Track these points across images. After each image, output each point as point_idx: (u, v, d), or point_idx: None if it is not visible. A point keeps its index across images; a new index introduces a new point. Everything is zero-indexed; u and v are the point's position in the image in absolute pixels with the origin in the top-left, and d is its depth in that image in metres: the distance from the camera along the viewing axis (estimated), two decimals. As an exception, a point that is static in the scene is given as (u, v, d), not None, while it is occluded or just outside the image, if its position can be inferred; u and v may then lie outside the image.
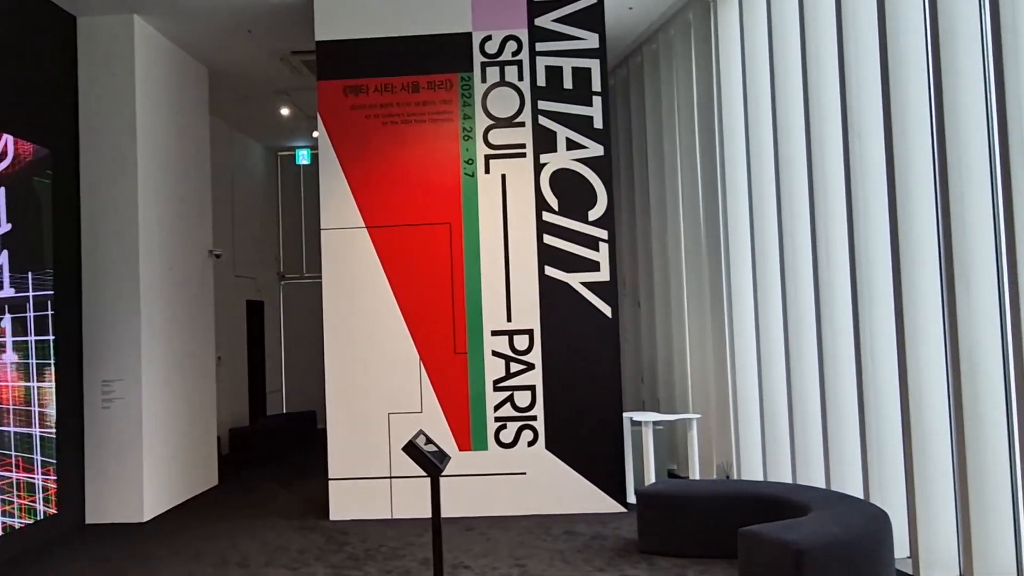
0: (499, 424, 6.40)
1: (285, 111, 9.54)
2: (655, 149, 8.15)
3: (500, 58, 6.57)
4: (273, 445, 9.66)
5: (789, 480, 5.83)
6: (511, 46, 6.56)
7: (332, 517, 6.37)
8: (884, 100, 4.66)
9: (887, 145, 4.64)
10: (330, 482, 6.42)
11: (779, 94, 5.86)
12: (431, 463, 3.68)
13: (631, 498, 6.34)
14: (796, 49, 5.59)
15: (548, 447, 6.37)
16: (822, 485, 5.37)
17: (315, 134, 8.26)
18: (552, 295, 6.45)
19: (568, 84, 6.53)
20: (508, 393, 6.42)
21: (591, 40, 6.55)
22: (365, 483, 6.40)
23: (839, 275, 5.26)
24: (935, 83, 4.30)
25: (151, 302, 6.88)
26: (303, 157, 11.73)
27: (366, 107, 6.60)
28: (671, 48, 7.63)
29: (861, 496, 4.93)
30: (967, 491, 4.12)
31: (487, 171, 6.53)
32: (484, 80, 6.57)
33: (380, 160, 6.57)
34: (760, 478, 6.26)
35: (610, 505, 6.29)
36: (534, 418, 6.40)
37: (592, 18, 6.57)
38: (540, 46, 6.56)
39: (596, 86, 6.53)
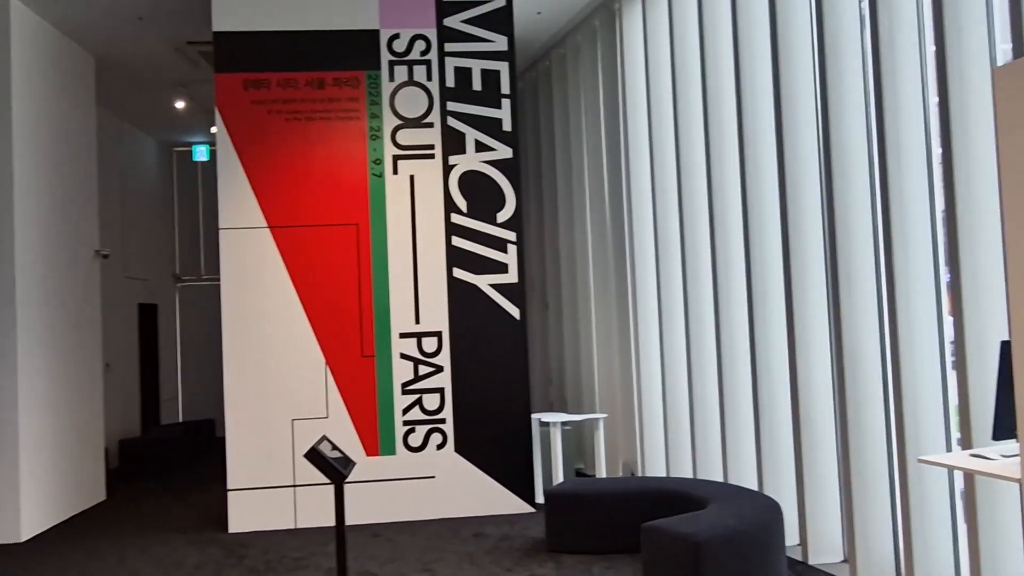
0: (407, 428, 6.32)
1: (180, 104, 9.11)
2: (563, 153, 8.27)
3: (408, 57, 6.50)
4: (167, 456, 9.18)
5: (690, 475, 6.03)
6: (419, 45, 6.51)
7: (231, 529, 6.11)
8: (776, 108, 4.89)
9: (779, 155, 4.88)
10: (229, 493, 6.16)
11: (680, 101, 6.06)
12: (335, 469, 3.59)
13: (540, 498, 6.39)
14: (696, 57, 5.79)
15: (457, 450, 6.34)
16: (721, 479, 5.58)
17: (213, 129, 7.91)
18: (461, 297, 6.43)
19: (477, 86, 6.53)
20: (417, 396, 6.35)
21: (500, 43, 6.57)
22: (267, 492, 6.18)
23: (736, 280, 5.48)
24: (822, 96, 4.54)
25: (29, 305, 6.40)
26: (200, 153, 11.23)
27: (268, 102, 6.39)
28: (578, 54, 7.76)
29: (756, 488, 5.15)
30: (850, 482, 4.38)
31: (395, 172, 6.44)
32: (392, 79, 6.48)
33: (283, 158, 6.37)
34: (663, 474, 6.44)
35: (519, 506, 6.32)
36: (443, 421, 6.36)
37: (501, 21, 6.59)
38: (449, 47, 6.53)
39: (505, 89, 6.56)
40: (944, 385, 4.06)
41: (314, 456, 3.61)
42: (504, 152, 6.52)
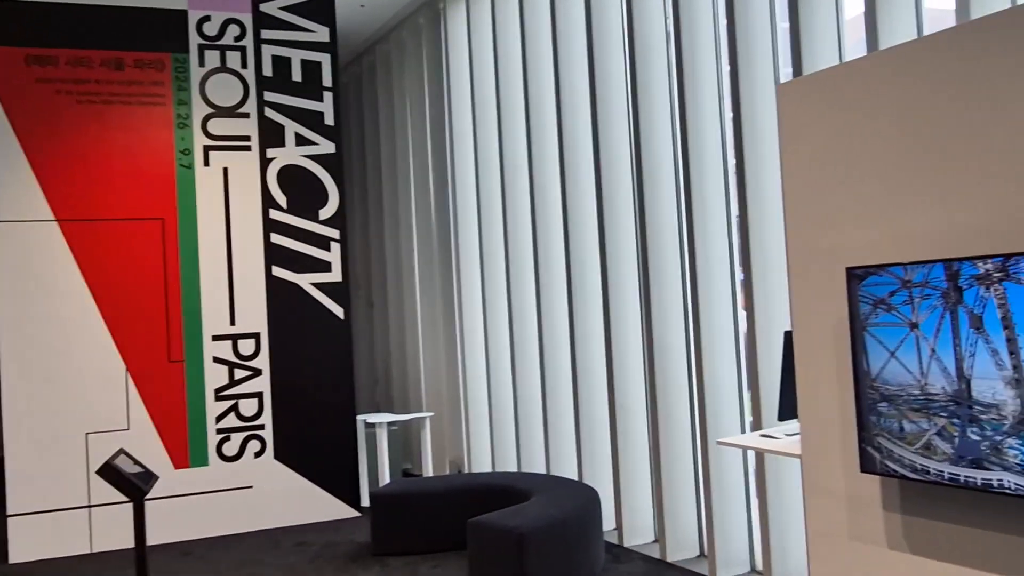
0: (222, 436, 5.94)
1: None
2: (388, 149, 8.15)
3: (220, 42, 6.10)
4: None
5: (515, 469, 6.17)
6: (233, 30, 6.12)
7: (12, 559, 5.42)
8: (592, 114, 5.13)
9: (595, 159, 5.12)
10: (9, 519, 5.46)
11: (504, 101, 6.18)
12: (133, 485, 3.28)
13: (366, 501, 6.26)
14: (518, 58, 5.94)
15: (277, 457, 6.05)
16: (544, 471, 5.76)
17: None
18: (281, 297, 6.13)
19: (297, 77, 6.26)
20: (232, 402, 5.98)
21: (321, 33, 6.35)
22: (56, 516, 5.54)
23: (557, 278, 5.69)
24: (633, 105, 4.82)
25: None
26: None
27: (56, 81, 5.73)
28: (403, 50, 7.69)
29: (576, 479, 5.37)
30: (659, 467, 4.69)
31: (207, 163, 6.02)
32: (202, 64, 6.05)
33: (75, 144, 5.74)
34: (489, 470, 6.54)
35: (344, 511, 6.15)
36: (261, 427, 6.03)
37: (322, 11, 6.37)
38: (266, 34, 6.21)
39: (327, 81, 6.34)
40: (739, 373, 4.47)
41: (108, 472, 3.27)
42: (326, 147, 6.30)
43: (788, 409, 3.01)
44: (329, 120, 6.32)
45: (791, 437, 3.09)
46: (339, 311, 6.28)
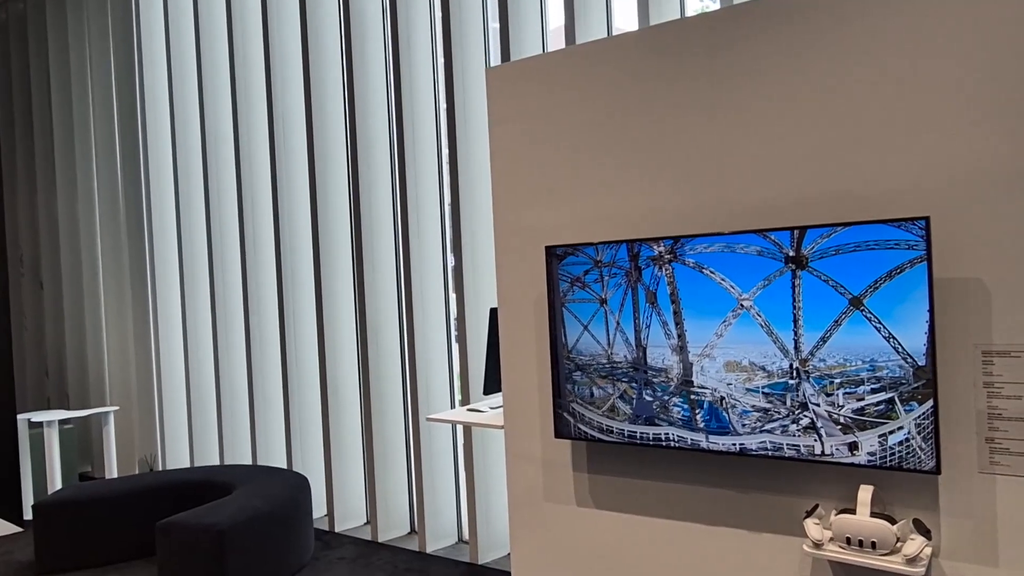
0: None
1: None
2: (62, 108, 7.00)
3: None
4: None
5: (217, 462, 5.71)
6: None
7: None
8: (305, 82, 4.90)
9: (308, 135, 4.89)
10: None
11: (205, 59, 5.65)
12: None
13: (29, 514, 5.35)
14: (222, 10, 5.46)
15: (-99, 470, 4.91)
16: (250, 462, 5.41)
17: None
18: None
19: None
20: None
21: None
22: None
23: (266, 256, 5.36)
24: (349, 86, 4.70)
25: None
26: None
27: None
28: (84, -7, 6.65)
29: (285, 467, 5.12)
30: (372, 448, 4.66)
31: None
32: None
33: None
34: (187, 465, 5.99)
35: (3, 528, 5.18)
36: None
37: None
38: None
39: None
40: (449, 353, 4.60)
41: None
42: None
43: (493, 383, 3.15)
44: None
45: (495, 410, 3.24)
46: (-6, 291, 5.26)
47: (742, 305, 2.14)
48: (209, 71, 5.65)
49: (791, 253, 2.05)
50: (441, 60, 4.44)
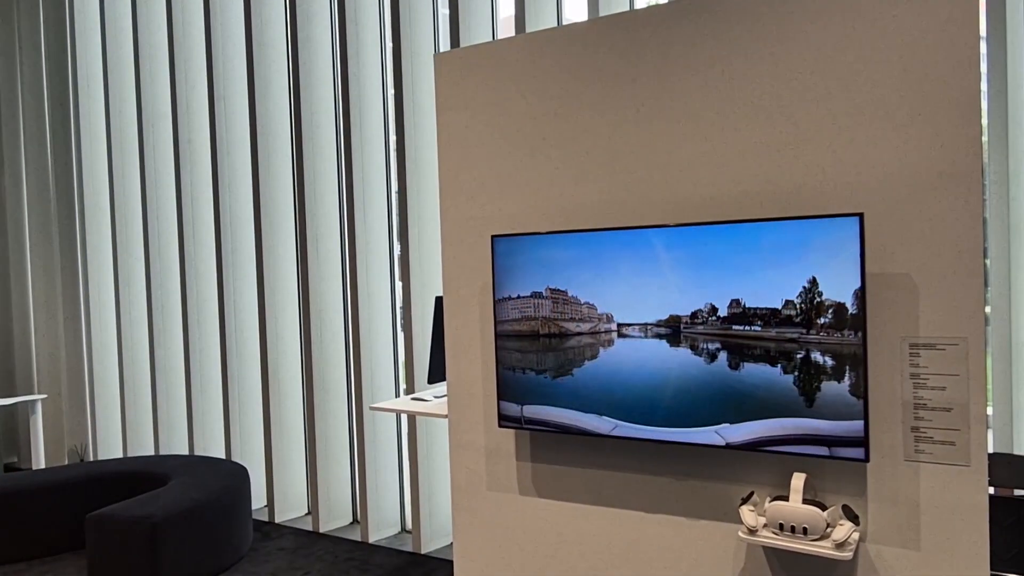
0: None
1: None
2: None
3: None
4: None
5: (152, 452, 5.55)
6: None
7: None
8: (248, 64, 4.77)
9: (251, 118, 4.77)
10: None
11: (142, 33, 5.45)
12: None
13: (-52, 507, 5.10)
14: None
15: None
16: (187, 452, 5.27)
17: None
18: None
19: None
20: None
21: None
22: None
23: (206, 239, 5.21)
24: (294, 77, 4.59)
25: None
26: None
27: None
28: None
29: (223, 457, 5.01)
30: (315, 438, 4.59)
31: None
32: None
33: None
34: (120, 455, 5.81)
35: (-86, 521, 4.93)
36: None
37: None
38: None
39: None
40: (395, 342, 4.55)
41: None
42: None
43: (438, 372, 3.13)
44: None
45: (440, 399, 3.22)
46: (-90, 273, 4.99)
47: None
48: (147, 49, 5.45)
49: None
50: (390, 45, 4.37)
